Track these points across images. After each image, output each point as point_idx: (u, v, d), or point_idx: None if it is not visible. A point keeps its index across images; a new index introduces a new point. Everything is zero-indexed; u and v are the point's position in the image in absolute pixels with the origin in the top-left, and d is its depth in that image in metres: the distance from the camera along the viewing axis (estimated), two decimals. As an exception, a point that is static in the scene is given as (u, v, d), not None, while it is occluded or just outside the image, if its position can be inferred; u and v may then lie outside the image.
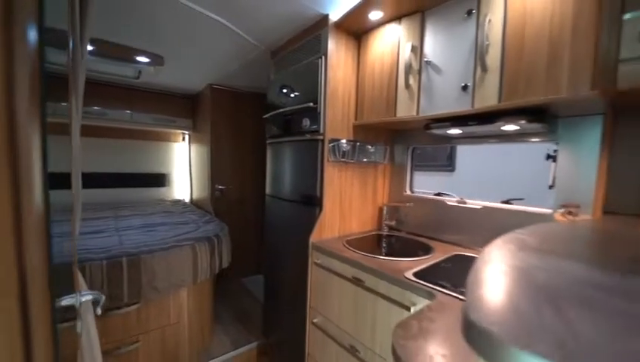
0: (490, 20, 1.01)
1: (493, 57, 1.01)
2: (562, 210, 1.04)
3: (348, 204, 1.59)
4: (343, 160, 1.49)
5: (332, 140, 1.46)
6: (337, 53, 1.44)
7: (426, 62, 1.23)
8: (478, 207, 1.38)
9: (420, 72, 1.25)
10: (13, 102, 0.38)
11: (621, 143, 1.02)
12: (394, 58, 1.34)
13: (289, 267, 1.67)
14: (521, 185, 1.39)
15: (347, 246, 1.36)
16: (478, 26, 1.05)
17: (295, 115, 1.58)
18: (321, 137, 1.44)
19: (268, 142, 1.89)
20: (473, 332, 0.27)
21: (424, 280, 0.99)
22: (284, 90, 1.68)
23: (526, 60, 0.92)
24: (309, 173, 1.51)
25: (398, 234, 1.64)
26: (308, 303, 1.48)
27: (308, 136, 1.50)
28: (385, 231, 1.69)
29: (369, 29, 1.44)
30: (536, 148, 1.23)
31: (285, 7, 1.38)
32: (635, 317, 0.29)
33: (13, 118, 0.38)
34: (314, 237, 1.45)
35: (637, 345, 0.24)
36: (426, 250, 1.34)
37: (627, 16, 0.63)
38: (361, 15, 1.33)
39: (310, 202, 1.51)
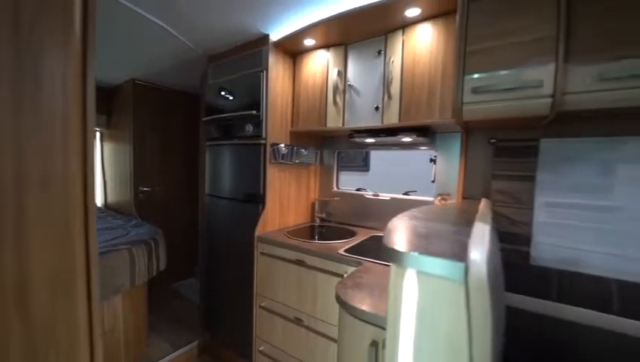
0: (393, 61, 1.40)
1: (395, 88, 1.39)
2: (439, 198, 1.50)
3: (286, 200, 1.82)
4: (282, 161, 1.71)
5: (273, 144, 1.66)
6: (276, 68, 1.65)
7: (349, 85, 1.56)
8: (388, 198, 1.79)
9: (344, 92, 1.58)
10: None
11: (471, 152, 1.53)
12: (324, 78, 1.63)
13: (232, 260, 1.79)
14: (415, 181, 1.87)
15: (288, 236, 1.60)
16: (385, 63, 1.42)
17: (237, 120, 1.72)
18: (263, 142, 1.63)
19: (208, 144, 1.96)
20: (388, 251, 0.54)
21: (352, 254, 1.30)
22: (224, 95, 1.79)
23: (415, 93, 1.32)
24: (252, 173, 1.68)
25: (328, 224, 1.95)
26: (255, 290, 1.65)
27: (251, 141, 1.67)
28: (317, 223, 1.98)
29: (304, 51, 1.70)
30: (424, 154, 1.70)
31: (229, 22, 1.52)
32: (459, 241, 0.61)
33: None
34: (259, 231, 1.63)
35: (455, 247, 0.55)
36: (352, 234, 1.68)
37: (466, 77, 1.06)
38: (297, 40, 1.58)
39: (254, 200, 1.68)
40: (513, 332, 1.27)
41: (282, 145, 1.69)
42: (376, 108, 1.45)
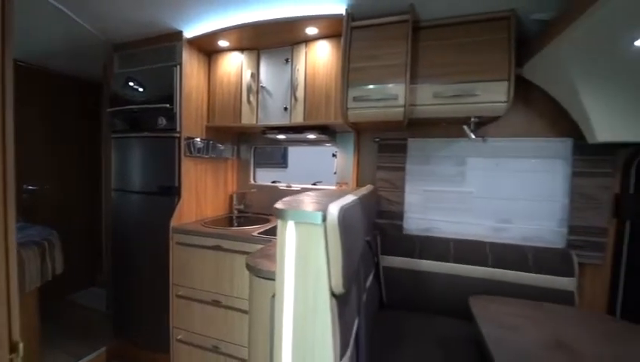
0: (298, 69, 1.64)
1: (301, 92, 1.63)
2: (338, 185, 1.81)
3: (203, 192, 1.89)
4: (199, 155, 1.78)
5: (188, 138, 1.71)
6: (191, 64, 1.71)
7: (262, 86, 1.74)
8: (299, 188, 2.04)
9: (257, 92, 1.75)
10: None
11: (362, 148, 1.90)
12: (238, 78, 1.77)
13: (144, 256, 1.77)
14: (321, 173, 2.17)
15: (205, 225, 1.68)
16: (292, 71, 1.65)
17: (148, 113, 1.71)
18: (177, 135, 1.67)
19: (114, 136, 1.86)
20: (276, 210, 0.75)
21: (265, 235, 1.49)
22: (133, 86, 1.75)
23: (316, 98, 1.59)
24: (166, 166, 1.69)
25: (245, 215, 2.09)
26: (171, 281, 1.67)
27: (164, 134, 1.68)
28: (235, 214, 2.10)
29: (219, 51, 1.80)
30: (328, 150, 2.00)
31: (138, 15, 1.52)
32: (325, 202, 0.86)
33: None
34: (174, 222, 1.67)
35: (321, 205, 0.78)
36: (266, 221, 1.86)
37: (349, 88, 1.37)
38: (212, 40, 1.68)
39: (168, 192, 1.70)
40: (390, 284, 1.66)
41: (198, 139, 1.76)
42: (285, 108, 1.67)
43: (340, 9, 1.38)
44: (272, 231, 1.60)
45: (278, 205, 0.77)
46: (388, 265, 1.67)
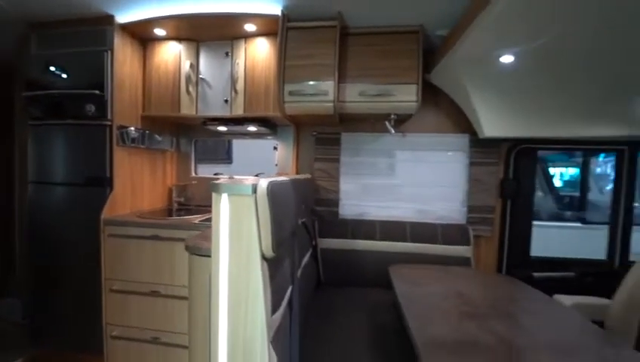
0: (238, 63, 1.71)
1: (241, 85, 1.71)
2: (278, 175, 1.93)
3: (139, 184, 1.83)
4: (133, 145, 1.72)
5: (121, 127, 1.65)
6: (124, 51, 1.66)
7: (201, 78, 1.77)
8: (243, 178, 2.10)
9: (197, 83, 1.77)
10: None
11: (301, 141, 2.04)
12: (176, 68, 1.76)
13: (70, 252, 1.65)
14: (264, 165, 2.26)
15: (142, 217, 1.65)
16: (232, 64, 1.71)
17: (74, 99, 1.60)
18: (108, 123, 1.60)
19: (32, 123, 1.69)
20: (211, 185, 0.84)
21: (207, 222, 1.54)
22: (55, 70, 1.63)
23: (255, 91, 1.68)
24: (95, 156, 1.61)
25: (187, 207, 2.07)
26: (103, 276, 1.60)
27: (93, 122, 1.60)
28: (175, 206, 2.06)
29: (155, 39, 1.77)
30: (269, 143, 2.10)
31: (60, -6, 1.43)
32: (257, 179, 0.97)
33: None
34: (106, 214, 1.59)
35: (254, 181, 0.89)
36: (208, 211, 1.89)
37: (285, 83, 1.50)
38: (147, 28, 1.65)
39: (98, 183, 1.62)
40: (327, 263, 1.83)
41: (132, 128, 1.71)
42: (226, 100, 1.73)
43: (277, 10, 1.49)
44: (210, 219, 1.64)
45: (214, 182, 0.86)
46: (325, 247, 1.84)
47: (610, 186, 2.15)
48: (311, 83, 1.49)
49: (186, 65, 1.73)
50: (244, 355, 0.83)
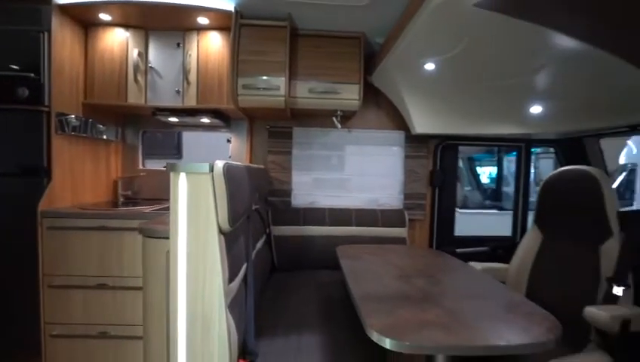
0: (190, 55, 1.73)
1: (193, 76, 1.73)
2: (233, 166, 1.99)
3: (81, 176, 1.74)
4: (74, 134, 1.64)
5: (60, 114, 1.57)
6: (63, 33, 1.57)
7: (151, 67, 1.75)
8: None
9: (146, 72, 1.75)
10: None
11: (255, 134, 2.12)
12: (123, 55, 1.72)
13: (4, 244, 1.51)
14: (218, 157, 2.28)
15: (88, 208, 1.59)
16: (184, 55, 1.73)
17: (3, 81, 1.47)
18: (46, 109, 1.51)
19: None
20: (169, 166, 0.90)
21: (160, 211, 1.54)
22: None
23: (209, 83, 1.73)
24: (30, 144, 1.50)
25: (134, 201, 2.01)
26: (41, 272, 1.50)
27: (27, 107, 1.49)
28: (121, 200, 1.99)
29: (99, 24, 1.70)
30: (223, 135, 2.14)
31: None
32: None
33: None
34: (44, 206, 1.50)
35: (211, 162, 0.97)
36: (160, 202, 1.87)
37: (239, 77, 1.58)
38: (90, 11, 1.58)
39: (35, 173, 1.51)
40: (280, 249, 1.94)
41: (73, 116, 1.63)
42: (177, 91, 1.74)
43: (229, 6, 1.56)
44: (167, 209, 1.64)
45: (171, 165, 0.92)
46: (278, 234, 1.95)
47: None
48: (264, 78, 1.60)
49: (133, 54, 1.70)
50: (202, 318, 0.91)
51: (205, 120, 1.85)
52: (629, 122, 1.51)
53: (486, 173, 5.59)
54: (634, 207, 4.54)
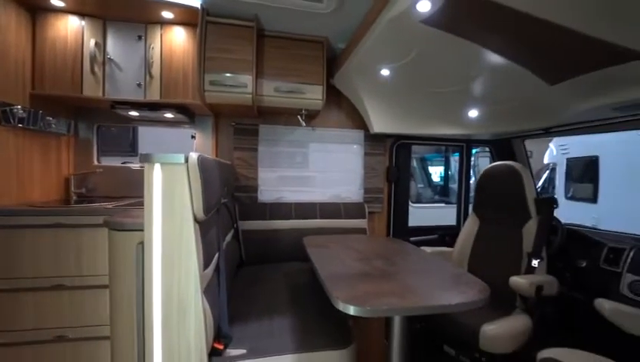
0: (153, 48, 1.71)
1: (156, 70, 1.71)
2: (199, 162, 1.99)
3: (28, 172, 1.61)
4: (20, 126, 1.52)
5: (3, 104, 1.45)
6: (6, 17, 1.45)
7: (109, 58, 1.69)
8: (156, 168, 2.05)
9: (104, 64, 1.68)
10: None
11: (220, 131, 2.14)
12: (78, 45, 1.64)
13: None
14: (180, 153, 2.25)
15: (37, 206, 1.49)
16: (146, 48, 1.70)
17: None
18: (-13, 99, 1.39)
19: None
20: (143, 156, 0.93)
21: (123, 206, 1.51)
22: None
23: (173, 77, 1.72)
24: (-32, 135, 1.37)
25: (89, 199, 1.91)
26: (-20, 275, 1.38)
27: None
28: (75, 198, 1.87)
29: (50, 10, 1.59)
30: (186, 132, 2.11)
31: None
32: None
33: None
34: (-16, 203, 1.38)
35: (185, 154, 1.01)
36: (118, 200, 1.80)
37: (206, 73, 1.60)
38: (38, -4, 1.49)
39: (-28, 167, 1.39)
40: (247, 243, 1.99)
41: (19, 107, 1.51)
42: (139, 84, 1.70)
43: (196, 2, 1.58)
44: (131, 204, 1.60)
45: (144, 154, 0.95)
46: (245, 229, 2.00)
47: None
48: (231, 75, 1.64)
49: (90, 44, 1.62)
50: (178, 303, 0.96)
51: (169, 115, 1.83)
52: (543, 125, 1.84)
53: (437, 172, 6.12)
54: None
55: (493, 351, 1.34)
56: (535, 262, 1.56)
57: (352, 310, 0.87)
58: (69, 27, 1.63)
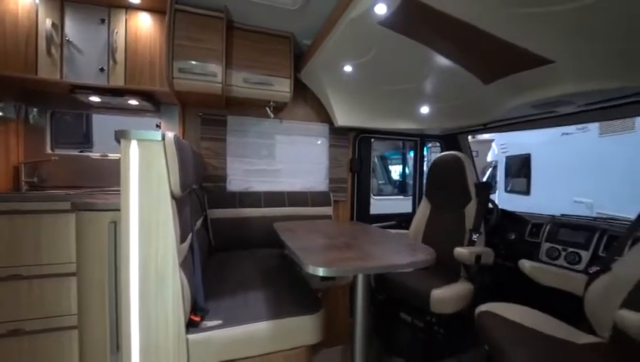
0: (117, 32, 1.68)
1: (120, 55, 1.68)
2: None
3: (-30, 157, 1.50)
4: (-36, 107, 1.41)
5: (-56, 83, 1.34)
6: (-54, -9, 1.34)
7: (68, 40, 1.62)
8: (117, 157, 1.99)
9: (62, 46, 1.61)
10: None
11: (187, 121, 2.13)
12: (32, 24, 1.55)
13: None
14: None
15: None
16: (110, 33, 1.67)
17: None
18: None
19: None
20: (119, 133, 0.96)
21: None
22: None
23: (139, 64, 1.70)
24: None
25: (41, 189, 1.80)
26: None
27: None
28: (26, 188, 1.76)
29: (-5, -15, 1.49)
30: (151, 121, 2.08)
31: None
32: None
33: None
34: None
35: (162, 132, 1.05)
36: (76, 190, 1.73)
37: (174, 60, 1.62)
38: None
39: None
40: (217, 231, 2.02)
41: (-38, 87, 1.40)
42: (101, 69, 1.66)
43: (164, -11, 1.59)
44: (91, 193, 1.56)
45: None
46: (215, 217, 2.03)
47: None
48: (201, 64, 1.67)
49: (46, 24, 1.55)
50: (156, 276, 1.00)
51: (133, 102, 1.80)
52: (482, 121, 2.13)
53: (396, 171, 6.56)
54: (496, 195, 5.97)
55: (441, 312, 1.56)
56: (475, 237, 1.82)
57: (321, 271, 0.98)
58: (20, 4, 1.54)
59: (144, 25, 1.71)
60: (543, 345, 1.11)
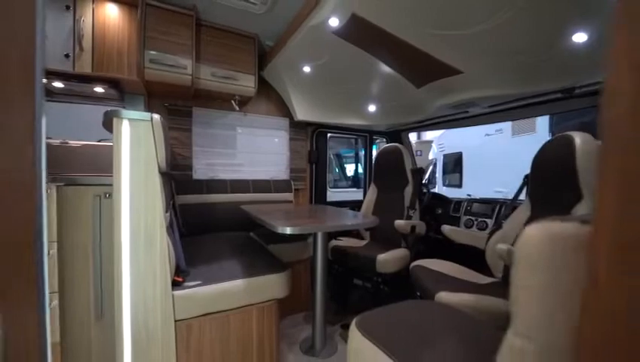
0: (84, 20, 1.72)
1: (87, 42, 1.73)
2: (131, 139, 2.03)
3: None
4: None
5: None
6: None
7: (29, 25, 1.62)
8: (79, 144, 1.99)
9: (22, 30, 1.61)
10: None
11: (153, 111, 2.20)
12: (-13, 7, 1.53)
13: None
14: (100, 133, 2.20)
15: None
16: (75, 20, 1.70)
17: None
18: None
19: None
20: (110, 113, 1.10)
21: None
22: None
23: (107, 52, 1.76)
24: None
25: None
26: None
27: None
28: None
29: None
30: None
31: None
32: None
33: None
34: None
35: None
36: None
37: (146, 51, 1.72)
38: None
39: None
40: (186, 216, 2.13)
41: None
42: (66, 55, 1.69)
43: (133, -16, 1.69)
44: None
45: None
46: (183, 202, 2.14)
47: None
48: (171, 56, 1.79)
49: (5, 7, 1.54)
50: (145, 237, 1.15)
51: (99, 89, 1.84)
52: (418, 119, 2.57)
53: (351, 170, 7.07)
54: (436, 188, 6.78)
55: (384, 271, 1.90)
56: (412, 213, 2.23)
57: (288, 230, 1.23)
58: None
59: (112, 16, 1.77)
60: (457, 285, 1.50)
